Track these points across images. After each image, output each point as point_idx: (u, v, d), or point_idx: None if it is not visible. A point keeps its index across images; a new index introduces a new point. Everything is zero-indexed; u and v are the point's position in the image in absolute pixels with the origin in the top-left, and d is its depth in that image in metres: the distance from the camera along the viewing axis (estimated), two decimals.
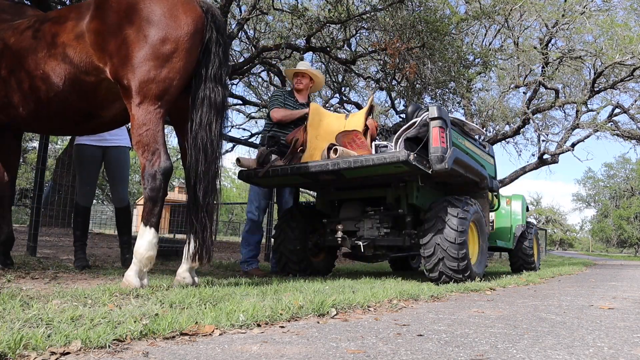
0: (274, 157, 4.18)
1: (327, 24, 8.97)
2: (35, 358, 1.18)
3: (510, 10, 10.82)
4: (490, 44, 13.41)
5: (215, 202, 2.88)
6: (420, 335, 1.65)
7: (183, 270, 2.94)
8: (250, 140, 12.33)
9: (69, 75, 2.97)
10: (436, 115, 3.78)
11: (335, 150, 3.79)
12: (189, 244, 2.87)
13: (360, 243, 4.20)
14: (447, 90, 10.35)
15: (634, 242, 43.15)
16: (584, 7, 10.90)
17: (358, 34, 10.39)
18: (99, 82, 2.96)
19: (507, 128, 15.10)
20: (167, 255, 5.25)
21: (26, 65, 3.08)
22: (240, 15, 9.95)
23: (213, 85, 2.86)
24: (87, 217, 4.17)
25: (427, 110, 3.91)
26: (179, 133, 3.21)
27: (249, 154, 9.56)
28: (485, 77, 11.94)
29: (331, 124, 4.35)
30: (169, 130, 15.09)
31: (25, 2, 7.25)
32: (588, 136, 15.11)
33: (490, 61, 10.66)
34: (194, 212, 2.82)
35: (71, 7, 3.20)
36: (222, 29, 2.96)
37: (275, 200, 5.63)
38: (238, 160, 4.25)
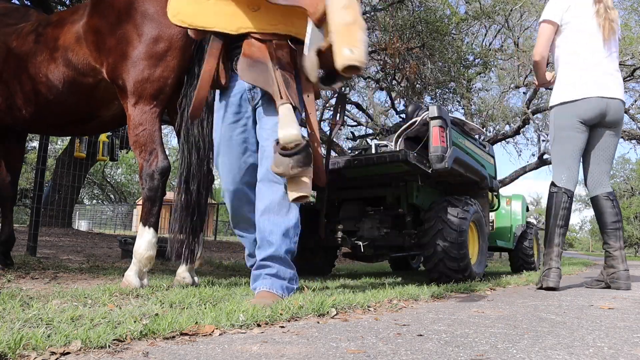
0: None
1: None
2: (35, 358, 1.18)
3: (510, 10, 10.83)
4: (490, 44, 13.41)
5: (205, 200, 2.89)
6: (420, 335, 1.65)
7: (183, 270, 2.94)
8: None
9: (68, 77, 2.99)
10: (436, 115, 3.78)
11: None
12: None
13: (360, 243, 4.19)
14: (447, 90, 10.36)
15: (634, 242, 43.14)
16: None
17: None
18: (97, 83, 2.97)
19: (507, 128, 15.09)
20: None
21: (28, 68, 3.10)
22: None
23: None
24: None
25: (427, 109, 3.91)
26: (177, 132, 3.21)
27: None
28: (485, 77, 11.94)
29: None
30: (169, 130, 15.03)
31: (26, 2, 7.26)
32: None
33: (490, 61, 10.67)
34: (188, 211, 2.82)
35: (73, 9, 3.21)
36: None
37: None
38: None
